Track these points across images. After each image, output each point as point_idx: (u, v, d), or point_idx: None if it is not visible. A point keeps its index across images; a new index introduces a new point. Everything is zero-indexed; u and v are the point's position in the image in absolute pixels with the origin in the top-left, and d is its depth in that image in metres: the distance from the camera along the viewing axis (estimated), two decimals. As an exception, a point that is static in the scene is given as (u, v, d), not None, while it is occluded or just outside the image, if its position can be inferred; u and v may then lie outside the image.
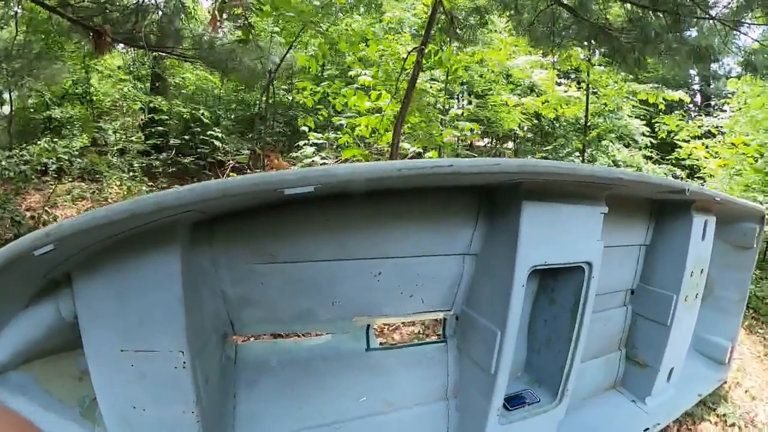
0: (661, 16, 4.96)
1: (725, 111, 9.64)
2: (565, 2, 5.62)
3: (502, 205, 1.90)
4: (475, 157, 9.64)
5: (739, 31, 5.03)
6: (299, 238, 1.76)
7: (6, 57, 6.89)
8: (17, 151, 6.67)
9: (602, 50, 7.48)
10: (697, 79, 15.68)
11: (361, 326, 2.07)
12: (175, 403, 1.47)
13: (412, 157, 6.12)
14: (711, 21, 4.77)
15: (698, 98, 15.37)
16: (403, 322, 3.91)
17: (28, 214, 5.80)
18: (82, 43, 6.25)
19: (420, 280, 2.03)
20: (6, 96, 7.70)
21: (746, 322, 4.63)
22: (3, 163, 5.81)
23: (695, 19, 4.88)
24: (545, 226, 1.84)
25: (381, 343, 2.24)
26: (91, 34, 5.08)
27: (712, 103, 13.48)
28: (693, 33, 5.21)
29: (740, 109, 8.46)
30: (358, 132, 5.12)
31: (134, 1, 5.50)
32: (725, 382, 3.27)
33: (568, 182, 1.77)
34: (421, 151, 5.78)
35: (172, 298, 1.39)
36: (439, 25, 5.16)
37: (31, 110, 8.56)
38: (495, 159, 1.49)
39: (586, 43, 6.98)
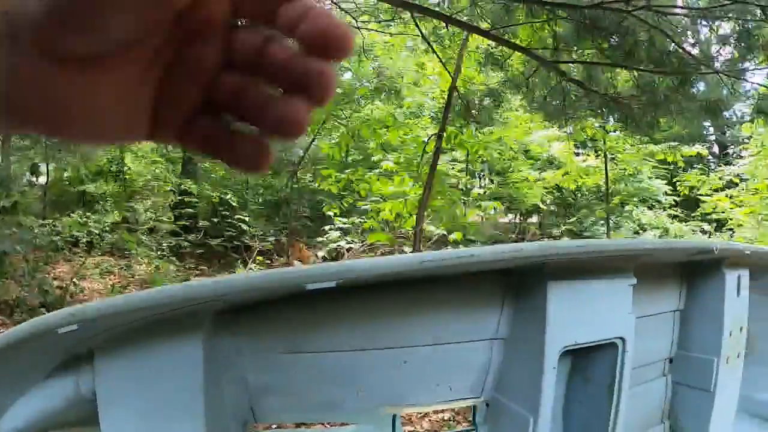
0: (668, 78, 5.09)
1: (743, 157, 9.58)
2: (574, 77, 5.82)
3: (527, 286, 1.89)
4: (499, 235, 9.73)
5: (745, 79, 5.13)
6: (323, 328, 1.77)
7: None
8: (50, 221, 6.87)
9: (615, 116, 7.63)
10: (711, 129, 15.58)
11: (387, 416, 2.00)
12: None
13: (437, 239, 6.13)
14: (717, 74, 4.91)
15: (716, 148, 15.19)
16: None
17: (56, 283, 5.82)
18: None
19: (448, 367, 1.98)
20: (43, 167, 7.95)
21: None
22: (36, 230, 5.89)
23: (700, 75, 5.02)
24: (573, 304, 1.82)
25: (409, 432, 2.21)
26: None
27: (730, 151, 13.36)
28: (701, 86, 5.32)
29: (760, 152, 8.39)
30: (382, 216, 5.20)
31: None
32: (780, 443, 3.04)
33: (593, 258, 1.79)
34: (446, 232, 5.79)
35: (192, 386, 1.39)
36: (457, 109, 5.38)
37: (67, 183, 8.87)
38: (516, 245, 1.54)
39: (598, 112, 7.14)
